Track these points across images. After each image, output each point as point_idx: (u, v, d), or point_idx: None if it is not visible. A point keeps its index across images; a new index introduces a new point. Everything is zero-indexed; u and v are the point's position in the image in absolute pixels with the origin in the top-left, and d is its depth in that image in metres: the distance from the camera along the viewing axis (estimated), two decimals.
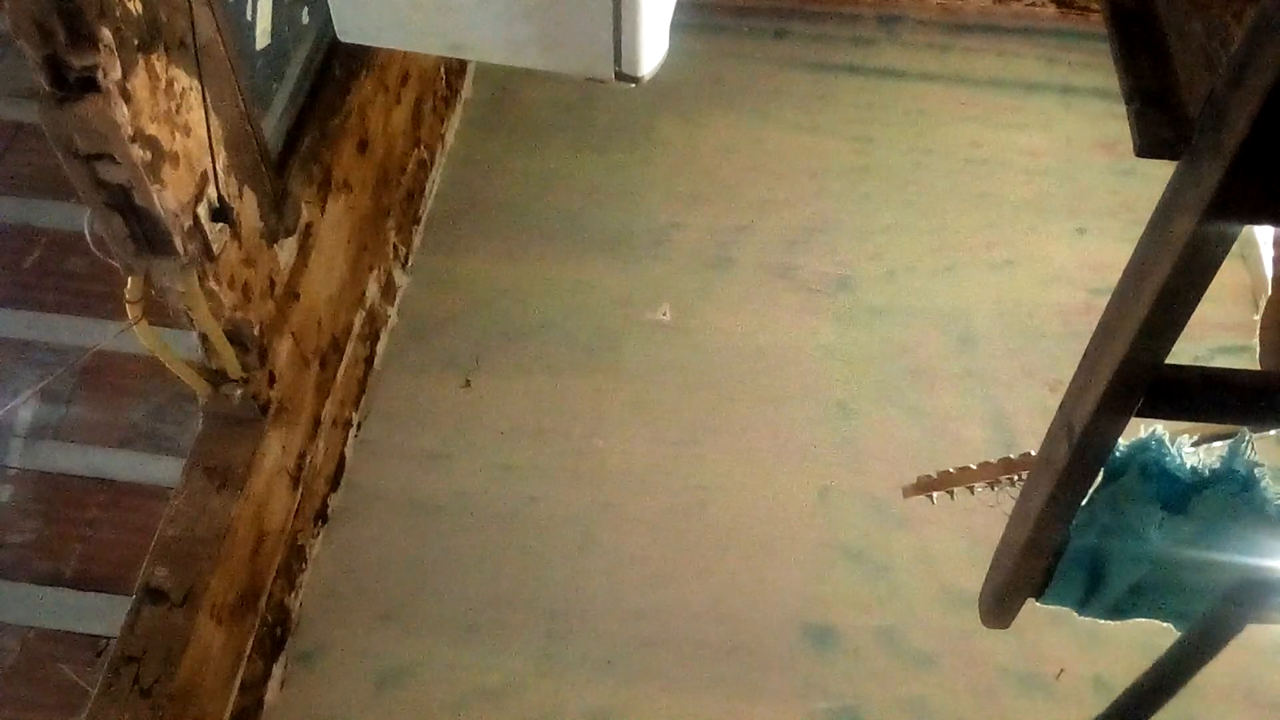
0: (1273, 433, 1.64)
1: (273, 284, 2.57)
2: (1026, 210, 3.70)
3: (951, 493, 2.42)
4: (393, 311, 3.44)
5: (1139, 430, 1.55)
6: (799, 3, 4.22)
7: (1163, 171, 1.26)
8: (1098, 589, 1.65)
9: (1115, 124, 3.74)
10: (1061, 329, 3.38)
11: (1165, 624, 1.71)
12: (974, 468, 2.39)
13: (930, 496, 2.48)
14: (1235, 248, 1.20)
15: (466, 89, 3.99)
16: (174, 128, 2.06)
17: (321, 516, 3.03)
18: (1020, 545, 1.61)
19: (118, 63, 1.86)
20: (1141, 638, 1.72)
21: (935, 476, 2.43)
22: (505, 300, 3.48)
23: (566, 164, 3.80)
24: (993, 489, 2.33)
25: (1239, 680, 2.81)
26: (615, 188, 3.75)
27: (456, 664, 2.84)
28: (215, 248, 2.26)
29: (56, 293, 3.29)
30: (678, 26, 1.88)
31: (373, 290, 3.26)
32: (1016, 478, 2.29)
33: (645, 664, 2.85)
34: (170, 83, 2.03)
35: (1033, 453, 2.38)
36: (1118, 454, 1.53)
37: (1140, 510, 1.55)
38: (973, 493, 2.37)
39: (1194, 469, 1.56)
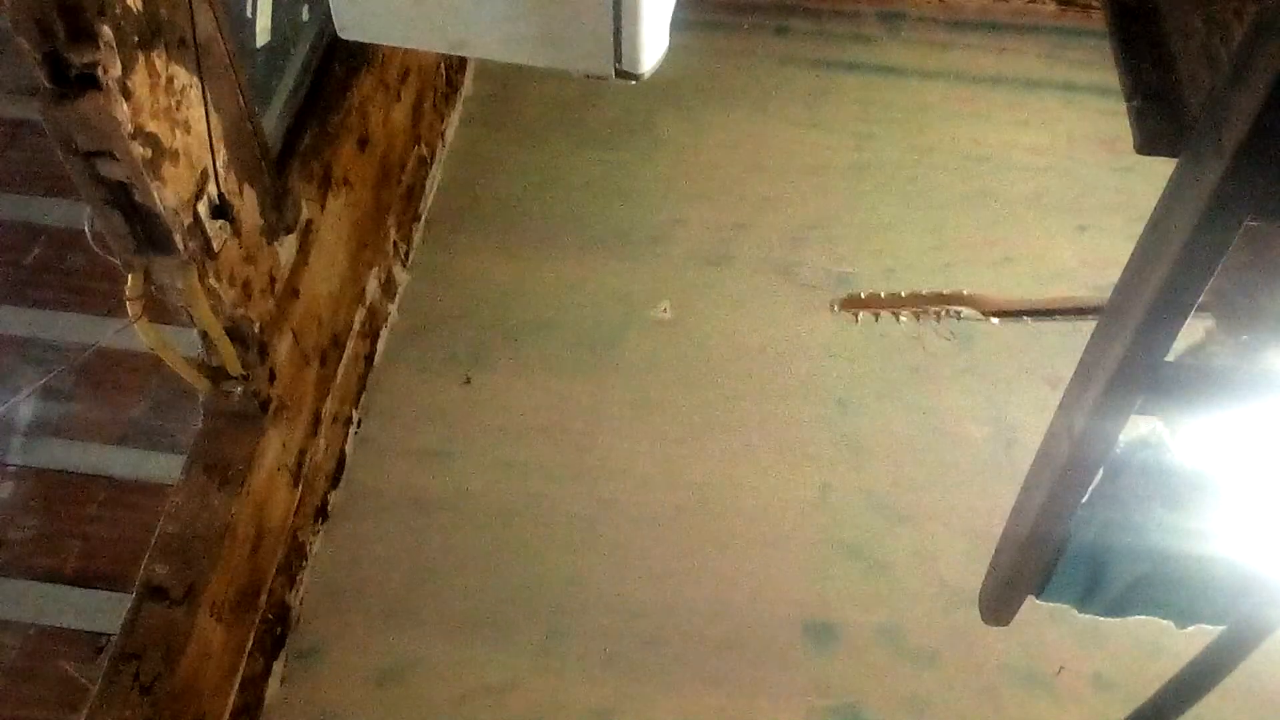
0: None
1: (273, 281, 2.57)
2: (1027, 207, 3.69)
3: (877, 315, 2.43)
4: (393, 308, 3.44)
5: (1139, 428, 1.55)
6: None
7: (1163, 169, 1.26)
8: (1098, 586, 1.65)
9: (1116, 121, 3.71)
10: (1061, 326, 3.37)
11: (1165, 621, 1.71)
12: (904, 295, 2.40)
13: (856, 315, 2.50)
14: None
15: (467, 86, 3.99)
16: (174, 125, 2.06)
17: (322, 514, 3.03)
18: (1021, 542, 1.61)
19: (118, 60, 1.86)
20: (1141, 635, 1.72)
21: (864, 297, 2.44)
22: (505, 297, 3.48)
23: (567, 161, 3.80)
24: (918, 320, 2.34)
25: (1238, 677, 2.80)
26: (615, 185, 3.75)
27: (457, 661, 2.84)
28: (215, 245, 2.26)
29: (57, 290, 3.28)
30: (678, 23, 1.88)
31: (373, 287, 3.26)
32: (944, 312, 2.30)
33: (646, 661, 2.85)
34: (170, 80, 2.03)
35: (965, 291, 2.42)
36: (1118, 451, 1.53)
37: (1140, 508, 1.55)
38: (898, 320, 2.38)
39: (1194, 467, 1.56)
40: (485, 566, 2.98)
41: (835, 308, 2.62)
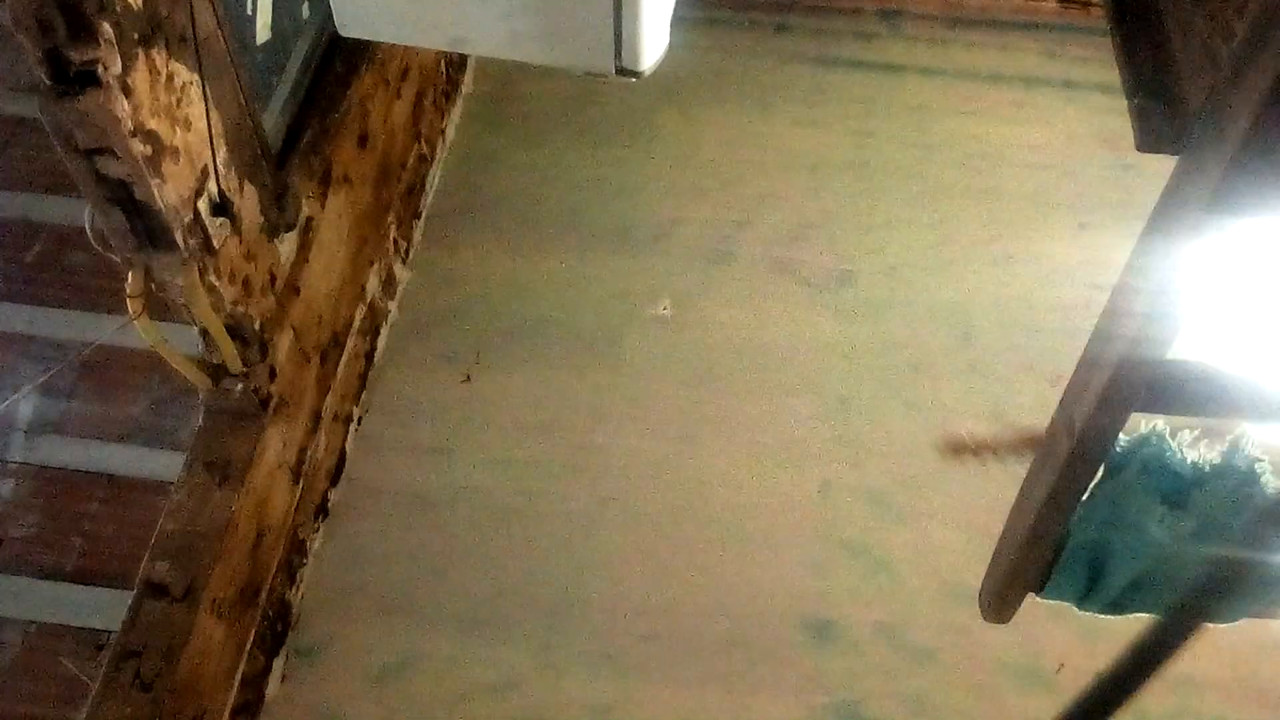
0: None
1: (273, 278, 2.57)
2: (1027, 205, 3.69)
3: (983, 459, 2.44)
4: (393, 306, 3.44)
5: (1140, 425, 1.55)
6: None
7: (1164, 167, 1.26)
8: (1098, 584, 1.65)
9: (1117, 119, 3.73)
10: (1062, 324, 3.37)
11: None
12: (1002, 432, 2.40)
13: (960, 458, 2.51)
14: None
15: (467, 83, 3.99)
16: (174, 122, 2.06)
17: (322, 511, 3.03)
18: (1021, 540, 1.61)
19: (118, 57, 1.86)
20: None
21: (969, 441, 2.45)
22: (505, 295, 3.48)
23: (567, 158, 3.80)
24: (1020, 459, 2.33)
25: (1239, 676, 2.81)
26: (616, 182, 3.75)
27: (457, 658, 2.85)
28: (216, 242, 2.26)
29: (57, 287, 3.29)
30: (678, 21, 1.88)
31: (373, 285, 3.26)
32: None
33: (645, 659, 2.85)
34: (171, 77, 2.03)
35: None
36: (1119, 449, 1.53)
37: (1141, 505, 1.56)
38: (1004, 464, 2.38)
39: (1194, 464, 1.57)
40: (485, 564, 2.99)
41: (938, 447, 2.76)
